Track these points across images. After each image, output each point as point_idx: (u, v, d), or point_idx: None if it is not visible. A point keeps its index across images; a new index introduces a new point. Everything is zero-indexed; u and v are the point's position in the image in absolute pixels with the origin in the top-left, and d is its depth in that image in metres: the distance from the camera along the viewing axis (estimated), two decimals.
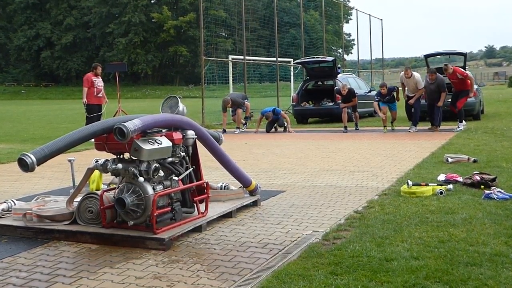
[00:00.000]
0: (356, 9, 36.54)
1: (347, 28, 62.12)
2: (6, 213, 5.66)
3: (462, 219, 5.23)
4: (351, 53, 62.06)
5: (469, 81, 14.43)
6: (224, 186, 6.44)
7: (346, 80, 19.81)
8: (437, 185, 6.68)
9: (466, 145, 10.78)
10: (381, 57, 43.19)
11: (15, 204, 5.75)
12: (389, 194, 6.59)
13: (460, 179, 7.02)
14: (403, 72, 15.13)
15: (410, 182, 6.58)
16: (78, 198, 5.40)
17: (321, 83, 20.59)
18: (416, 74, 15.01)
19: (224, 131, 16.08)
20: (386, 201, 6.22)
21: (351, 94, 15.73)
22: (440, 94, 14.15)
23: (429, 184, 6.66)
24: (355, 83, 20.81)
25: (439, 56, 18.99)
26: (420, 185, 6.59)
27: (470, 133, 13.17)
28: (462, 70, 14.69)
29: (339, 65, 22.40)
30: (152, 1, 69.72)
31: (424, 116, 15.08)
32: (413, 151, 10.48)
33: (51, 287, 3.93)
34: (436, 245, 4.47)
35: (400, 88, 15.52)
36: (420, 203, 6.01)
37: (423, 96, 14.82)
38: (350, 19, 49.25)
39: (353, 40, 56.55)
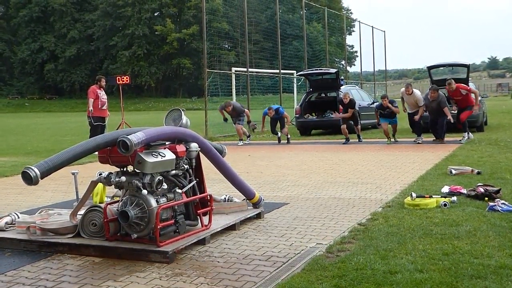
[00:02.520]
0: (359, 21, 36.71)
1: (350, 40, 62.30)
2: (9, 226, 5.66)
3: (466, 232, 5.21)
4: (354, 64, 62.30)
5: (473, 94, 14.33)
6: (228, 199, 6.44)
7: (349, 91, 19.84)
8: (441, 197, 6.66)
9: (470, 157, 10.76)
10: (384, 68, 43.31)
11: (18, 217, 5.75)
12: (393, 206, 6.58)
13: (464, 191, 7.01)
14: (403, 89, 14.92)
15: (414, 194, 6.56)
16: (82, 211, 5.40)
17: (324, 95, 20.62)
18: (417, 92, 14.88)
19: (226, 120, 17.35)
20: (390, 213, 6.20)
21: (350, 105, 15.62)
22: (443, 110, 13.85)
23: (433, 196, 6.65)
24: (358, 94, 20.85)
25: (442, 68, 19.01)
26: (424, 197, 6.58)
27: (473, 144, 13.15)
28: (464, 85, 14.52)
29: (342, 77, 22.46)
30: (156, 14, 70.05)
31: (427, 127, 15.04)
32: (416, 163, 10.47)
33: None
34: (441, 258, 4.45)
35: (399, 101, 15.45)
36: (424, 215, 5.99)
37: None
38: (353, 31, 49.53)
39: (356, 51, 56.66)
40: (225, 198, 6.45)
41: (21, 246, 5.29)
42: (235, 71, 23.27)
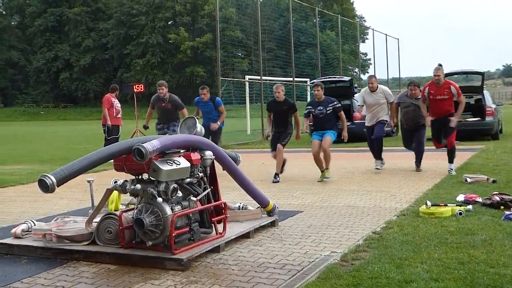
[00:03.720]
0: (373, 29, 36.64)
1: (363, 47, 62.09)
2: (26, 234, 5.70)
3: (482, 240, 5.18)
4: (368, 72, 62.02)
5: (461, 104, 9.91)
6: (242, 207, 6.45)
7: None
8: (456, 205, 6.62)
9: (485, 165, 10.69)
10: (398, 76, 43.16)
11: (35, 225, 5.80)
12: (407, 215, 6.55)
13: (480, 199, 6.96)
14: (365, 88, 11.36)
15: (429, 203, 6.54)
16: (97, 219, 5.43)
17: None
18: (384, 87, 11.30)
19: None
20: (405, 221, 6.18)
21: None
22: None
23: (448, 204, 6.61)
24: None
25: (456, 76, 18.89)
26: (439, 205, 6.55)
27: (489, 152, 13.06)
28: (455, 84, 10.05)
29: (356, 85, 22.41)
30: (169, 23, 70.38)
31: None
32: (431, 171, 10.42)
33: None
34: (456, 267, 4.43)
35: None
36: (439, 224, 5.96)
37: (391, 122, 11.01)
38: (367, 38, 49.50)
39: (369, 59, 56.54)
40: (239, 206, 6.46)
41: (37, 253, 5.34)
42: (249, 79, 23.32)
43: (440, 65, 9.91)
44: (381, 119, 10.78)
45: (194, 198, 5.32)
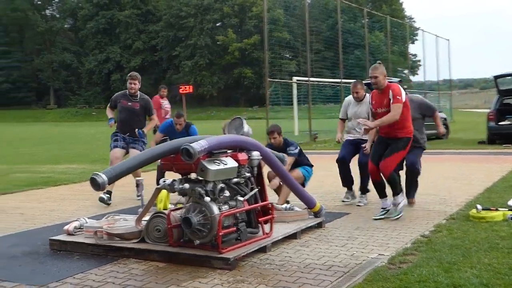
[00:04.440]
0: (422, 30, 36.12)
1: (413, 48, 61.18)
2: (78, 231, 5.86)
3: None
4: (417, 74, 61.01)
5: (405, 118, 6.65)
6: (289, 208, 6.46)
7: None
8: (508, 210, 6.46)
9: None
10: (449, 78, 42.39)
11: (86, 222, 5.95)
12: (457, 219, 6.44)
13: None
14: (349, 97, 8.26)
15: (479, 207, 6.40)
16: (146, 217, 5.54)
17: None
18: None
19: None
20: (454, 225, 6.08)
21: None
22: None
23: (500, 209, 6.47)
24: None
25: (509, 77, 18.42)
26: (490, 209, 6.41)
27: None
28: (400, 88, 6.65)
29: (405, 86, 22.11)
30: (217, 24, 70.93)
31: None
32: (482, 175, 10.19)
33: None
34: (507, 272, 4.33)
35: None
36: (490, 228, 5.84)
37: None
38: (416, 39, 48.62)
39: (419, 61, 55.65)
40: (286, 207, 6.47)
41: (88, 250, 5.47)
42: (297, 80, 23.28)
43: (379, 62, 6.78)
44: (363, 138, 7.76)
45: (241, 198, 5.36)
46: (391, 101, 6.52)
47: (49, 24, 76.53)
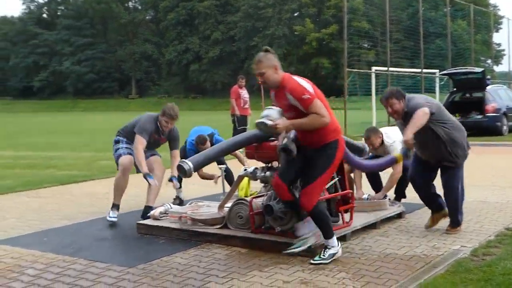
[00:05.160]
0: (507, 18, 34.69)
1: (497, 37, 58.70)
2: (163, 216, 6.10)
3: None
4: (501, 63, 58.77)
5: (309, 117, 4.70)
6: (369, 197, 6.47)
7: (496, 92, 19.02)
8: None
9: None
10: None
11: (171, 208, 6.19)
12: None
13: None
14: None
15: None
16: (229, 204, 5.70)
17: (468, 95, 19.80)
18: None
19: None
20: None
21: None
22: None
23: None
24: (506, 95, 19.86)
25: None
26: None
27: None
28: (307, 87, 4.81)
29: (489, 77, 21.41)
30: (295, 14, 70.77)
31: None
32: None
33: (205, 286, 4.21)
34: None
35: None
36: None
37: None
38: (500, 28, 46.79)
39: (503, 50, 53.50)
40: (366, 197, 6.48)
41: (173, 234, 5.70)
42: (375, 70, 22.97)
43: (265, 50, 5.25)
44: None
45: None
46: (300, 106, 4.63)
47: (132, 15, 78.93)
